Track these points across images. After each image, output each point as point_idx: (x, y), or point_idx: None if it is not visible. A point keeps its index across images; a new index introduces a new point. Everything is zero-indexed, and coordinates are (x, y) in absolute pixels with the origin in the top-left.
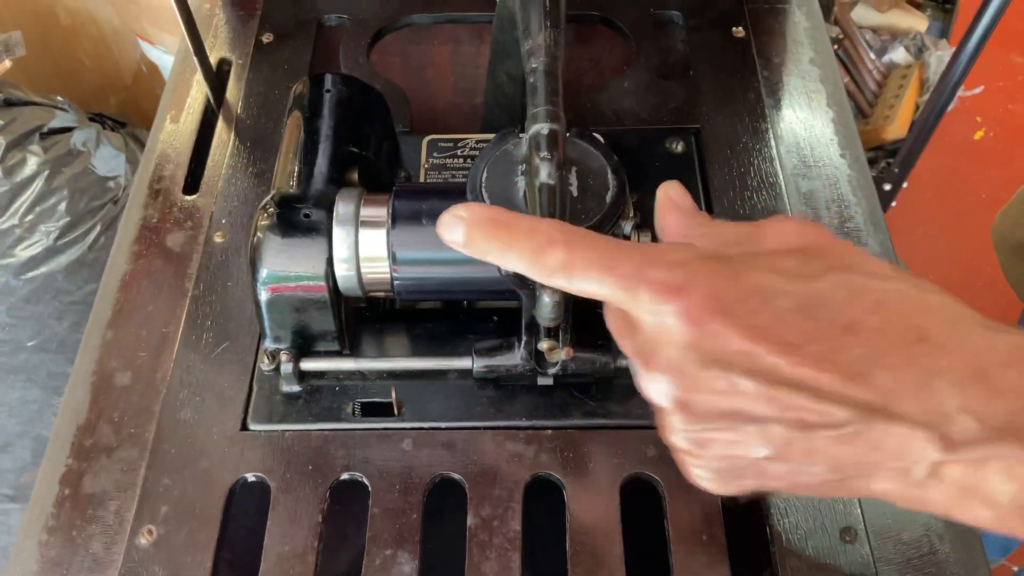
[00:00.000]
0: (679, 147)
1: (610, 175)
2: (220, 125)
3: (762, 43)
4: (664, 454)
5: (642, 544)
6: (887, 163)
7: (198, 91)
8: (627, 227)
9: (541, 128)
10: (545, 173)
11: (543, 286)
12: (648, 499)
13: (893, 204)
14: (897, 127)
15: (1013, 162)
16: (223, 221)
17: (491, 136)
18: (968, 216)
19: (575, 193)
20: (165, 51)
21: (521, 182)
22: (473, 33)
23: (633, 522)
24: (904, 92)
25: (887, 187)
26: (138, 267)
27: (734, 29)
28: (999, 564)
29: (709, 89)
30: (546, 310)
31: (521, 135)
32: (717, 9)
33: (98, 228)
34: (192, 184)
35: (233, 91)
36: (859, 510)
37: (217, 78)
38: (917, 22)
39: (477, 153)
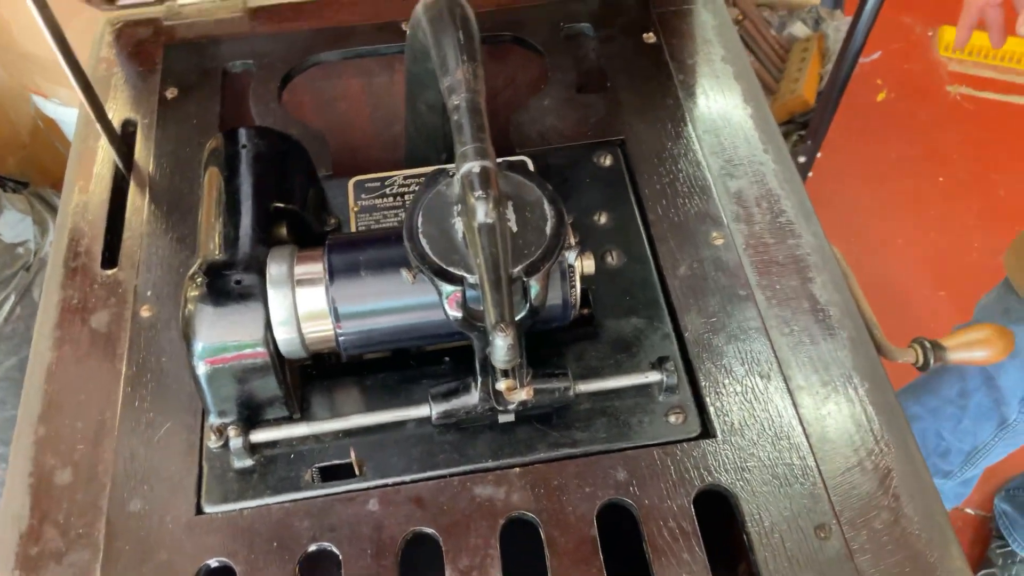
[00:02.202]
0: (607, 160)
1: (547, 206)
2: (132, 190)
3: (673, 46)
4: (635, 476)
5: (625, 567)
6: (799, 135)
7: (105, 156)
8: (571, 256)
9: (472, 167)
10: (482, 212)
11: (495, 329)
12: (626, 520)
13: (810, 175)
14: (804, 99)
15: (917, 119)
16: (148, 294)
17: (418, 171)
18: (883, 177)
19: (515, 228)
20: (61, 103)
21: (458, 223)
22: (383, 64)
23: (614, 545)
24: (806, 65)
25: (802, 159)
26: (63, 353)
27: (644, 35)
28: (953, 509)
29: (628, 99)
30: (501, 353)
31: (452, 174)
32: (625, 17)
33: (12, 298)
34: (110, 257)
35: (142, 152)
36: (830, 506)
37: (123, 140)
38: None
39: (406, 190)
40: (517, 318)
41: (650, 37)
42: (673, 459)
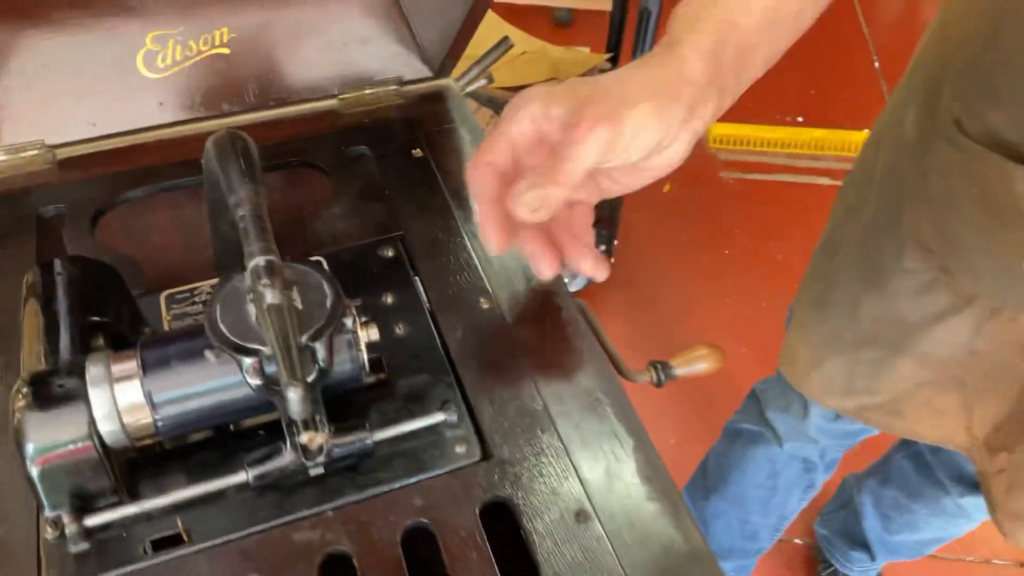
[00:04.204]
0: (390, 252)
1: (325, 285)
2: None
3: (439, 159)
4: (430, 500)
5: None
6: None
7: None
8: (349, 322)
9: (259, 260)
10: (270, 295)
11: (287, 386)
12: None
13: (612, 260)
14: None
15: (700, 204)
16: None
17: None
18: (678, 255)
19: (300, 307)
20: None
21: (251, 308)
22: (190, 194)
23: (425, 564)
24: None
25: (602, 248)
26: None
27: (413, 151)
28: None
29: (404, 202)
30: (295, 405)
31: (244, 272)
32: (397, 139)
33: None
34: None
35: None
36: (583, 491)
37: None
38: None
39: None
40: (309, 379)
41: (418, 153)
42: (461, 481)
